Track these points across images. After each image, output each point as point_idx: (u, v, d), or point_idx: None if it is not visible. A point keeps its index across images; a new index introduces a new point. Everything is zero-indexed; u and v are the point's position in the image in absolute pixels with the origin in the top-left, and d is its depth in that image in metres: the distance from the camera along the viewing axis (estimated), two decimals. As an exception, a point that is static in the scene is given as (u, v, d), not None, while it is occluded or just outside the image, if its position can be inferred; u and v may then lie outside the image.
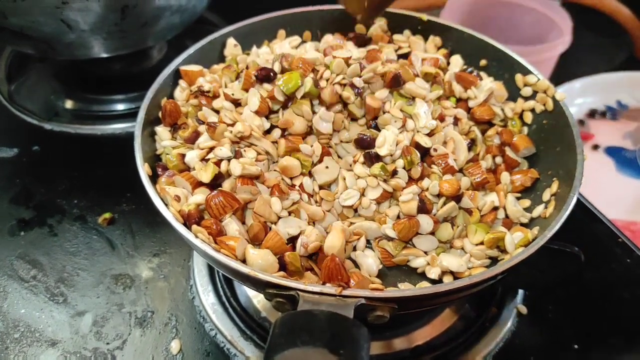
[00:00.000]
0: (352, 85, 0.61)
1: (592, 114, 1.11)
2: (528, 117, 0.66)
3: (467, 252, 0.56)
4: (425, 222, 0.56)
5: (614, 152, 1.04)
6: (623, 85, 1.15)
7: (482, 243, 0.56)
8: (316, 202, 0.58)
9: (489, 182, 0.61)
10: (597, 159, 1.03)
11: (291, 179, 0.58)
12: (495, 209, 0.59)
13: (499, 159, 0.64)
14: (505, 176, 0.62)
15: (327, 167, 0.59)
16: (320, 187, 0.58)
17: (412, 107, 0.61)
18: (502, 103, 0.67)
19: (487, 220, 0.58)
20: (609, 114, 1.12)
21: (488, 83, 0.67)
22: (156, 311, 0.66)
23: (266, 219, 0.53)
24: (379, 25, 0.73)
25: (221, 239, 0.50)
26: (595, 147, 1.05)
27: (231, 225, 0.52)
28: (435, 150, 0.59)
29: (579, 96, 1.13)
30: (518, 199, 0.61)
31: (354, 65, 0.61)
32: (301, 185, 0.57)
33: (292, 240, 0.54)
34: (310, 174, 0.58)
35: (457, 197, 0.58)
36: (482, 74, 0.69)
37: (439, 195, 0.58)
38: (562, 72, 1.19)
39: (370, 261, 0.54)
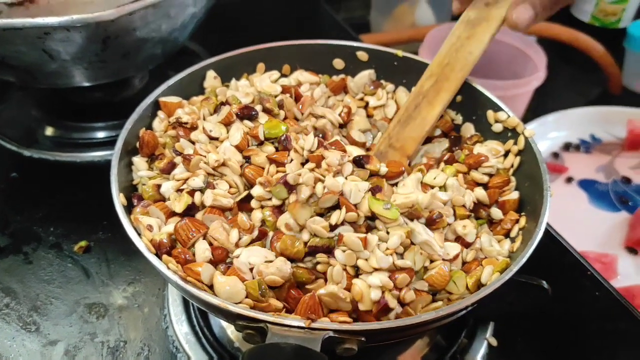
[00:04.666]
0: (287, 185, 0.56)
1: (567, 147, 1.14)
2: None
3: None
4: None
5: (587, 185, 1.06)
6: (597, 119, 1.18)
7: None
8: None
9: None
10: (571, 192, 1.05)
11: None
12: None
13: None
14: (486, 228, 0.62)
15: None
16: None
17: (391, 211, 0.54)
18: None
19: (471, 268, 0.56)
20: (583, 148, 1.14)
21: (488, 145, 0.67)
22: (129, 341, 0.66)
23: (221, 244, 0.53)
24: (369, 73, 0.74)
25: (188, 265, 0.51)
26: (569, 179, 1.07)
27: (201, 245, 0.53)
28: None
29: (553, 130, 1.15)
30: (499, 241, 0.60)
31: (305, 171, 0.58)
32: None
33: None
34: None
35: None
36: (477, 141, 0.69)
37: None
38: (539, 106, 1.22)
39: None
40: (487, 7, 0.66)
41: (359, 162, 0.59)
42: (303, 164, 0.59)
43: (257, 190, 0.57)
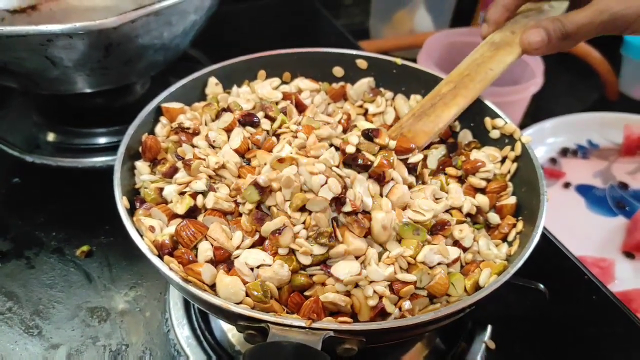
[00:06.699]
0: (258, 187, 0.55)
1: (564, 152, 1.15)
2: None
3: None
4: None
5: (584, 190, 1.07)
6: (594, 125, 1.19)
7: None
8: None
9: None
10: (568, 197, 1.06)
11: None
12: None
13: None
14: (483, 231, 0.62)
15: None
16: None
17: (420, 235, 0.55)
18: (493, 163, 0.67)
19: (469, 271, 0.57)
20: (580, 153, 1.15)
21: (485, 151, 0.68)
22: (131, 344, 0.67)
23: (221, 245, 0.54)
24: (368, 81, 0.75)
25: (189, 266, 0.51)
26: (567, 185, 1.08)
27: (204, 245, 0.53)
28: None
29: (550, 136, 1.16)
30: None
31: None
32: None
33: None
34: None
35: None
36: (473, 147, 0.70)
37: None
38: (537, 111, 1.23)
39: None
40: (512, 34, 0.69)
41: (367, 136, 0.60)
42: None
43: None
